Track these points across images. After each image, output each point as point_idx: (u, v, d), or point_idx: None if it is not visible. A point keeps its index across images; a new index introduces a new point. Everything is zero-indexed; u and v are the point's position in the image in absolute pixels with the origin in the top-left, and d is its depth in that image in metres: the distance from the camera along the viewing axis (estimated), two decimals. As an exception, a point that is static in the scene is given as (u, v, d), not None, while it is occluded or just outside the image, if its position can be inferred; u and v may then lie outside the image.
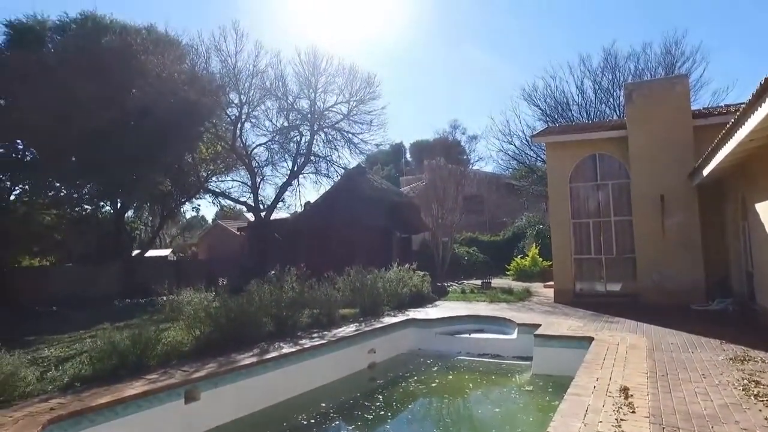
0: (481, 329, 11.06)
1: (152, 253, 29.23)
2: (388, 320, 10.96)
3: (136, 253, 24.56)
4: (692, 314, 10.86)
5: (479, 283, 19.00)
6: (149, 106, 17.19)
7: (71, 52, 17.32)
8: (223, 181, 25.48)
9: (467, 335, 10.77)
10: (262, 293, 9.33)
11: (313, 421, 6.87)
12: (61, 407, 5.23)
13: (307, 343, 8.52)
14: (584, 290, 14.01)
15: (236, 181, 25.28)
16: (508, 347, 9.97)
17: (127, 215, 24.53)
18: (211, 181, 24.52)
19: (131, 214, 25.83)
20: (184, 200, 25.03)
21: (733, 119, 7.18)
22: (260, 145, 23.86)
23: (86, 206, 21.50)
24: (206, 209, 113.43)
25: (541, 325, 9.53)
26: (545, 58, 72.09)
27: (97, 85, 16.40)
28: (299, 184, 24.53)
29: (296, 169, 23.69)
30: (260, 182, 23.81)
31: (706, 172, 10.26)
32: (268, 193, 24.83)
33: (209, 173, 24.26)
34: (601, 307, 12.08)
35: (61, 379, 6.12)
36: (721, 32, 51.75)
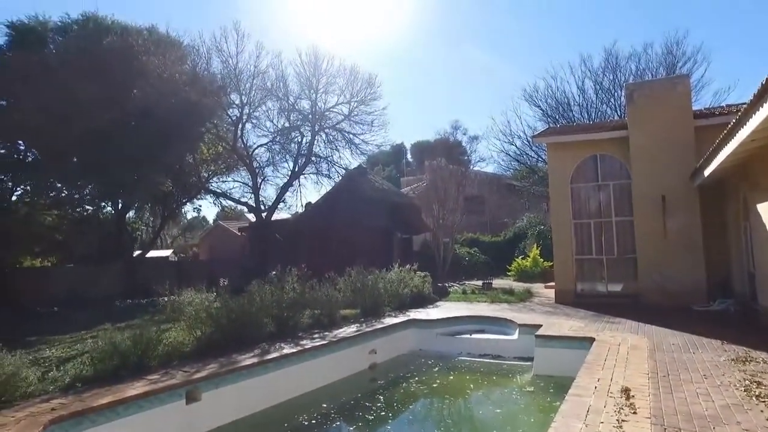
0: (482, 330, 11.05)
1: (153, 253, 29.25)
2: (389, 321, 10.96)
3: (137, 253, 24.57)
4: (693, 315, 10.85)
5: (480, 283, 18.99)
6: (150, 106, 17.23)
7: (73, 53, 17.38)
8: (224, 181, 25.54)
9: (468, 336, 10.77)
10: (263, 294, 9.33)
11: (314, 421, 6.87)
12: (62, 407, 5.25)
13: (308, 343, 8.52)
14: (585, 291, 14.00)
15: (237, 181, 25.34)
16: (509, 348, 9.96)
17: (128, 216, 24.59)
18: (212, 181, 24.56)
19: (132, 214, 25.88)
20: (185, 201, 25.08)
21: (734, 119, 7.18)
22: (261, 145, 23.92)
23: (87, 207, 21.55)
24: (207, 210, 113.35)
25: (542, 325, 9.52)
26: (546, 58, 72.11)
27: (98, 85, 16.45)
28: (300, 184, 24.58)
29: (297, 169, 23.70)
30: (261, 183, 23.85)
31: (707, 172, 10.25)
32: (269, 193, 24.93)
33: (210, 174, 24.29)
34: (602, 307, 12.07)
35: (62, 379, 6.14)
36: (722, 32, 51.79)
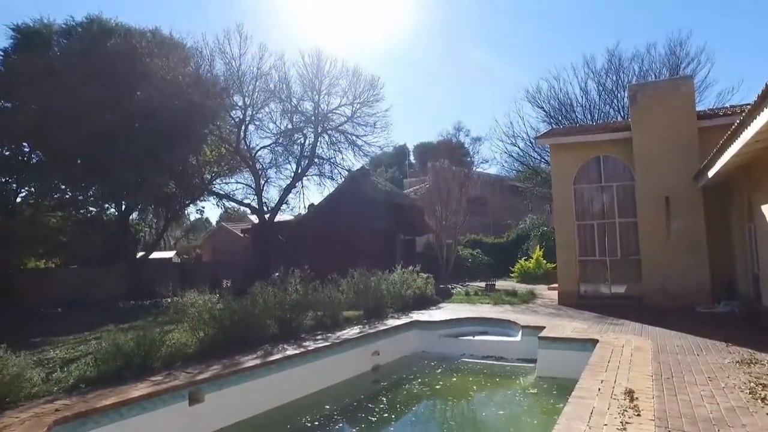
0: (485, 331, 11.04)
1: (156, 255, 29.27)
2: (391, 322, 10.95)
3: (140, 255, 24.62)
4: (698, 316, 10.80)
5: (483, 285, 18.97)
6: (154, 108, 17.30)
7: (77, 55, 17.47)
8: (227, 183, 25.54)
9: (471, 337, 10.75)
10: (266, 295, 9.34)
11: (316, 423, 6.88)
12: (66, 408, 5.27)
13: (310, 345, 8.53)
14: (588, 292, 13.96)
15: (240, 183, 25.36)
16: (512, 349, 9.94)
17: (131, 217, 24.66)
18: (215, 183, 24.58)
19: (136, 216, 25.94)
20: (188, 202, 25.11)
21: (738, 120, 7.14)
22: (264, 147, 23.94)
23: (91, 208, 21.64)
24: (210, 211, 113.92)
25: (545, 327, 9.50)
26: (549, 59, 72.04)
27: (102, 87, 16.55)
28: (303, 186, 24.60)
29: (300, 171, 23.73)
30: (264, 184, 23.88)
31: (711, 173, 10.20)
32: (272, 195, 24.86)
33: (213, 175, 24.33)
34: (605, 309, 12.03)
35: (66, 380, 6.16)
36: (726, 33, 51.62)
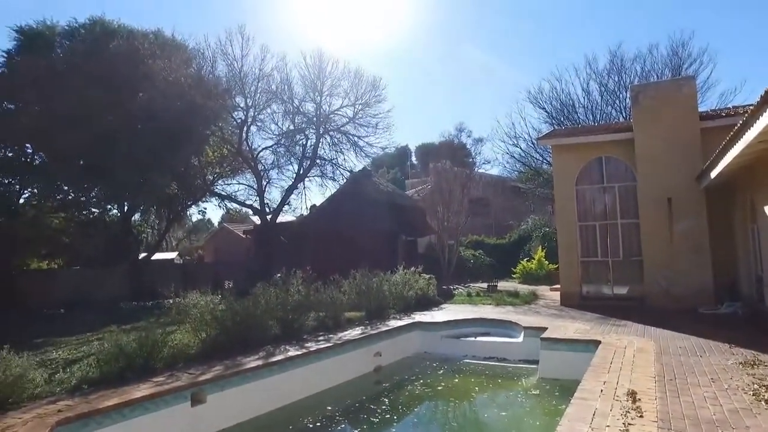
0: (487, 332, 11.03)
1: (159, 256, 29.33)
2: (393, 323, 10.94)
3: (142, 256, 24.65)
4: (700, 318, 10.77)
5: (485, 286, 18.95)
6: (156, 109, 17.32)
7: (80, 56, 17.52)
8: (229, 184, 25.54)
9: (473, 338, 10.74)
10: (268, 296, 9.35)
11: (318, 424, 6.88)
12: (69, 409, 5.28)
13: (312, 346, 8.53)
14: (591, 293, 13.93)
15: (242, 184, 25.34)
16: (514, 350, 9.93)
17: (133, 218, 24.69)
18: (217, 184, 24.58)
19: (138, 217, 25.96)
20: (190, 203, 25.12)
21: (741, 121, 7.13)
22: (266, 148, 23.90)
23: (94, 209, 21.66)
24: (212, 212, 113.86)
25: (547, 328, 9.48)
26: (551, 60, 71.90)
27: (104, 89, 16.59)
28: (305, 187, 24.53)
29: (302, 172, 23.72)
30: (266, 185, 23.86)
31: (713, 174, 10.18)
32: (274, 196, 24.89)
33: (215, 176, 24.34)
34: (607, 310, 12.01)
35: (68, 381, 6.18)
36: (728, 34, 51.51)
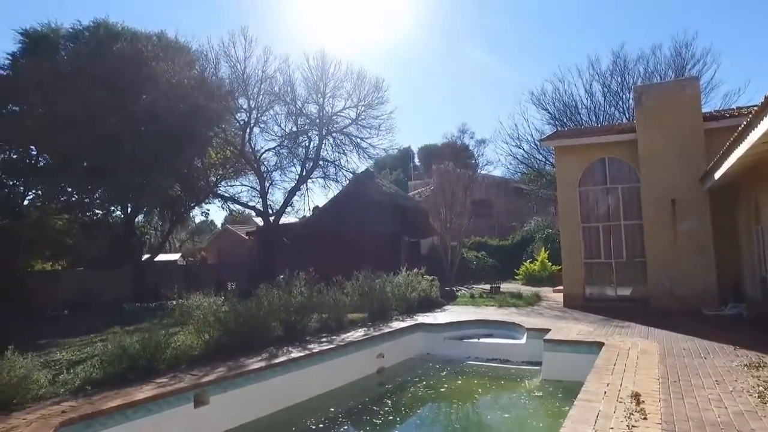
0: (490, 334, 11.00)
1: (162, 257, 29.44)
2: (396, 325, 10.93)
3: (146, 257, 24.73)
4: (704, 319, 10.72)
5: (488, 287, 18.89)
6: (159, 111, 17.38)
7: (84, 59, 17.60)
8: (232, 185, 25.59)
9: (476, 340, 10.72)
10: (270, 298, 9.35)
11: (321, 425, 6.87)
12: (72, 410, 5.29)
13: (315, 347, 8.53)
14: (594, 295, 13.89)
15: (245, 185, 25.38)
16: (517, 352, 9.90)
17: (137, 220, 24.75)
18: (220, 185, 24.64)
19: (141, 218, 26.05)
20: (193, 205, 25.18)
21: (745, 121, 7.11)
22: (269, 149, 24.00)
23: (97, 211, 21.74)
24: (215, 214, 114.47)
25: (550, 329, 9.44)
26: (553, 61, 71.80)
27: (108, 91, 16.65)
28: (308, 188, 24.61)
29: (305, 173, 23.77)
30: (269, 187, 23.93)
31: (717, 175, 10.14)
32: (276, 197, 24.92)
33: (218, 178, 24.40)
34: (611, 311, 11.96)
35: (72, 382, 6.20)
36: (732, 34, 51.32)
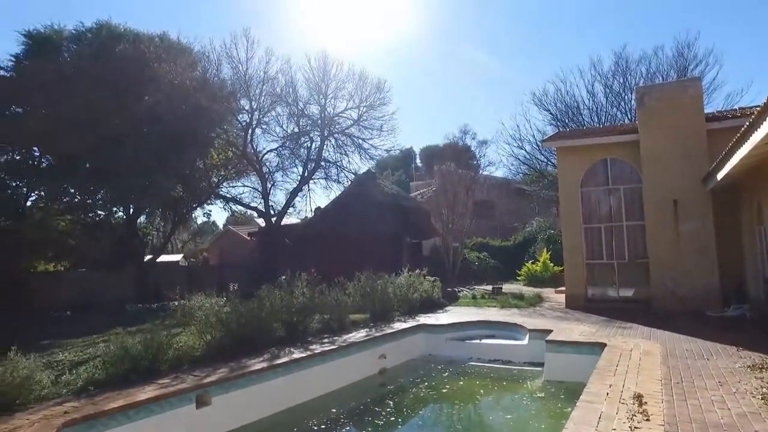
0: (492, 335, 11.00)
1: (164, 258, 29.50)
2: (398, 326, 10.93)
3: (148, 258, 24.76)
4: (707, 320, 10.67)
5: (490, 288, 18.86)
6: (161, 112, 17.44)
7: (87, 60, 17.67)
8: (234, 186, 25.64)
9: (478, 341, 10.71)
10: (272, 298, 9.36)
11: (323, 426, 6.88)
12: (75, 411, 5.31)
13: (317, 348, 8.54)
14: (596, 296, 13.87)
15: (247, 186, 25.42)
16: (519, 353, 9.89)
17: (139, 221, 24.81)
18: (222, 186, 24.68)
19: (143, 219, 26.10)
20: (195, 206, 25.22)
21: (748, 122, 7.09)
22: (271, 150, 24.02)
23: (99, 212, 21.80)
24: (217, 215, 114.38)
25: (552, 330, 9.44)
26: (555, 62, 71.73)
27: (111, 92, 16.72)
28: (309, 189, 24.63)
29: (306, 174, 23.79)
30: (271, 188, 23.96)
31: (720, 176, 10.11)
32: (278, 198, 24.89)
33: (220, 179, 24.44)
34: (613, 312, 11.95)
35: (75, 382, 6.22)
36: (735, 34, 51.22)
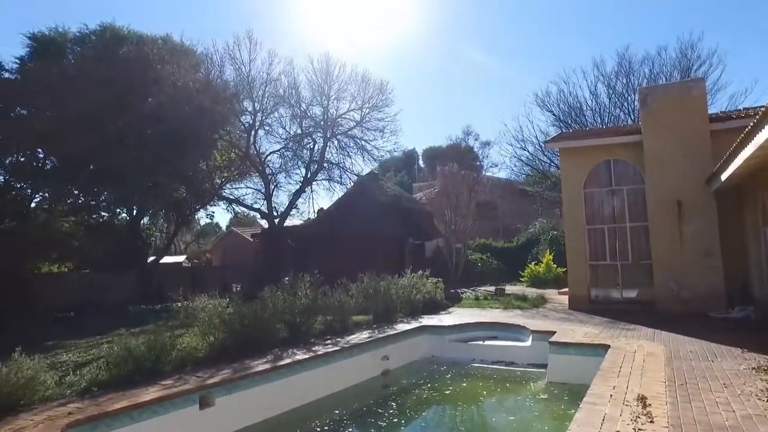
0: (495, 336, 10.97)
1: (167, 259, 29.54)
2: (401, 327, 10.93)
3: (151, 259, 24.85)
4: (711, 322, 10.64)
5: (493, 289, 18.83)
6: (165, 114, 17.49)
7: (90, 62, 17.75)
8: (237, 188, 25.64)
9: (481, 342, 10.69)
10: (275, 300, 9.38)
11: (326, 427, 6.87)
12: (78, 411, 5.32)
13: (320, 349, 8.54)
14: (599, 297, 13.82)
15: (250, 188, 25.41)
16: (522, 354, 9.87)
17: (142, 222, 24.90)
18: (225, 188, 24.70)
19: (147, 220, 26.19)
20: (198, 207, 25.29)
21: (752, 123, 7.06)
22: (274, 152, 24.01)
23: (103, 213, 21.90)
24: (220, 216, 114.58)
25: (555, 332, 9.41)
26: (558, 63, 71.80)
27: (114, 94, 16.78)
28: (312, 191, 24.58)
29: (309, 176, 23.79)
30: (274, 189, 23.95)
31: (724, 177, 10.08)
32: (281, 199, 24.83)
33: (223, 180, 24.48)
34: (616, 314, 11.92)
35: (78, 383, 6.25)
36: (738, 35, 51.03)
